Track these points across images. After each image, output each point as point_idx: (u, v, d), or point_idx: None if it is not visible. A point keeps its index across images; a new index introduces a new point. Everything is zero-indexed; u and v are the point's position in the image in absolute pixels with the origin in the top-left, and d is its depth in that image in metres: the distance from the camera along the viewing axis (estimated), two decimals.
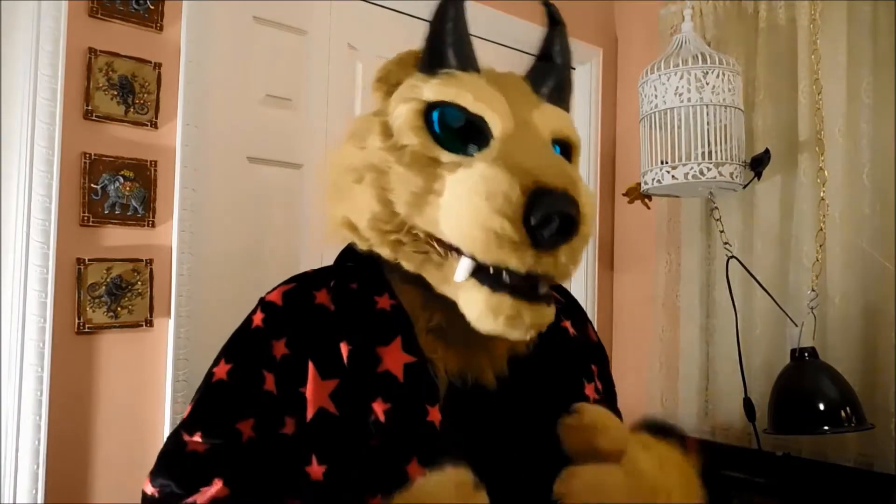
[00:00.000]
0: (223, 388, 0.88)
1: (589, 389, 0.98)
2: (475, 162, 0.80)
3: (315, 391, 0.84)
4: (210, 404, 0.88)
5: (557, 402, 0.91)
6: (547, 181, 0.76)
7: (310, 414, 0.83)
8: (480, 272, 0.80)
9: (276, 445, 0.84)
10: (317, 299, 0.90)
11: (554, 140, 0.90)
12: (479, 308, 0.80)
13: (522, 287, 0.79)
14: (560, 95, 0.96)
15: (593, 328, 1.11)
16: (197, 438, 0.85)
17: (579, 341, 1.03)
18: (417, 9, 1.96)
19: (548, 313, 0.82)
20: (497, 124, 0.84)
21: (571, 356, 0.99)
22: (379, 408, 0.82)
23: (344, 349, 0.85)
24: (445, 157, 0.83)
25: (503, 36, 2.20)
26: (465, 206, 0.78)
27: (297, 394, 0.85)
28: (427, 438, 0.82)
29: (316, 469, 0.82)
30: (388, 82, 0.93)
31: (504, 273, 0.78)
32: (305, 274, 0.96)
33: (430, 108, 0.85)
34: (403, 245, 0.84)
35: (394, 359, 0.85)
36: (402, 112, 0.86)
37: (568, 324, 1.01)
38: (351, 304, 0.89)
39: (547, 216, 0.75)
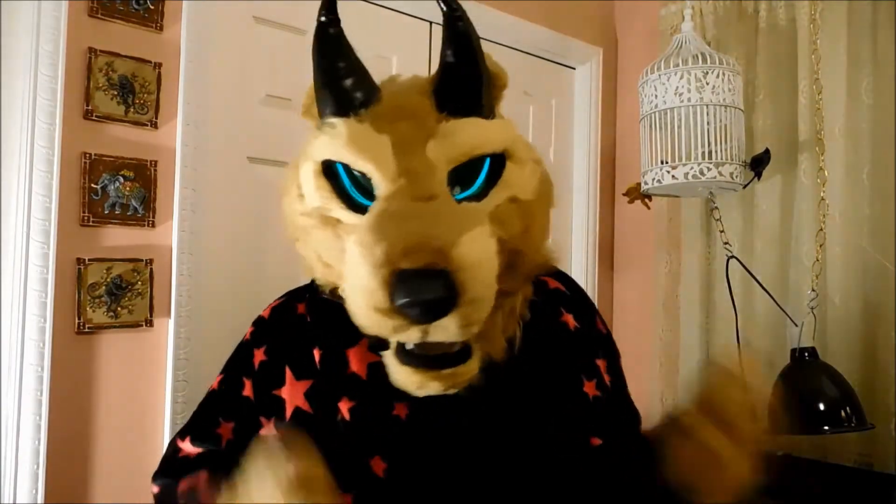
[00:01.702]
0: (213, 397, 0.98)
1: (589, 386, 0.95)
2: (356, 233, 0.78)
3: (291, 392, 0.90)
4: (200, 412, 0.98)
5: (547, 400, 0.91)
6: (405, 265, 0.72)
7: (288, 413, 0.90)
8: None
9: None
10: (298, 310, 0.97)
11: (460, 165, 0.82)
12: (393, 377, 0.81)
13: (428, 355, 0.78)
14: (472, 99, 0.85)
15: (602, 320, 1.07)
16: (187, 443, 0.95)
17: (581, 335, 0.99)
18: (417, 9, 1.96)
19: (462, 372, 0.79)
20: (379, 183, 0.81)
21: (568, 352, 0.96)
22: (344, 406, 0.87)
23: (317, 354, 0.91)
24: (345, 216, 0.83)
25: (503, 36, 2.20)
26: (347, 294, 0.78)
27: (273, 397, 0.92)
28: (391, 432, 0.86)
29: None
30: (312, 114, 0.94)
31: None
32: (297, 289, 1.01)
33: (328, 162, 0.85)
34: None
35: (359, 359, 0.89)
36: (305, 174, 0.87)
37: (570, 317, 0.99)
38: (323, 313, 0.93)
39: (407, 304, 0.72)
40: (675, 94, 1.84)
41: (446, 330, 0.75)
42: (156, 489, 0.94)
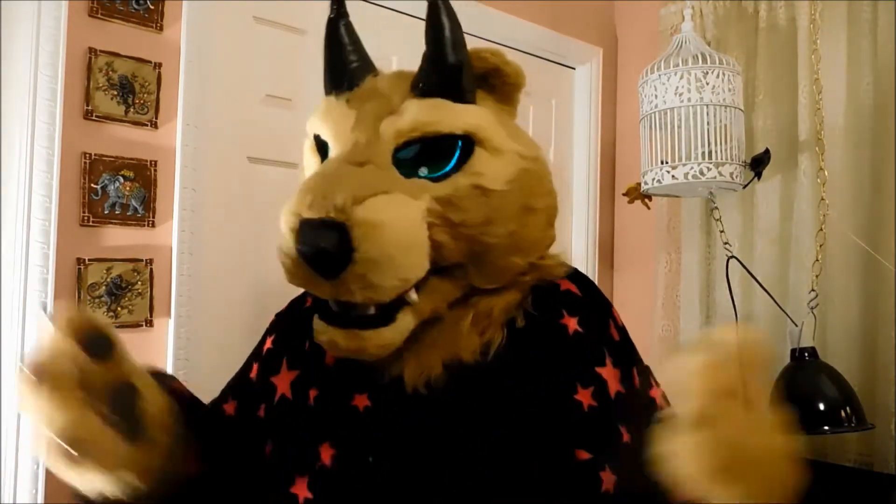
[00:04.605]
0: (234, 375, 1.04)
1: (583, 395, 0.88)
2: None
3: (282, 380, 0.94)
4: (225, 385, 1.04)
5: (525, 407, 0.86)
6: (307, 215, 0.75)
7: (275, 399, 0.93)
8: None
9: (248, 425, 0.96)
10: (307, 303, 1.00)
11: (411, 140, 0.83)
12: (314, 334, 0.83)
13: (342, 312, 0.81)
14: (441, 81, 0.86)
15: (617, 326, 0.98)
16: None
17: (582, 340, 0.92)
18: (417, 9, 1.95)
19: (370, 337, 0.80)
20: (332, 150, 0.88)
21: (562, 357, 0.90)
22: (312, 394, 0.90)
23: (307, 345, 0.94)
24: None
25: (503, 36, 2.20)
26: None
27: (269, 383, 0.95)
28: (344, 421, 0.86)
29: (268, 448, 0.92)
30: None
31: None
32: None
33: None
34: None
35: None
36: (305, 149, 0.95)
37: (573, 321, 0.92)
38: (319, 301, 0.93)
39: (303, 251, 0.74)
40: (675, 94, 1.84)
41: (349, 289, 0.76)
42: None
